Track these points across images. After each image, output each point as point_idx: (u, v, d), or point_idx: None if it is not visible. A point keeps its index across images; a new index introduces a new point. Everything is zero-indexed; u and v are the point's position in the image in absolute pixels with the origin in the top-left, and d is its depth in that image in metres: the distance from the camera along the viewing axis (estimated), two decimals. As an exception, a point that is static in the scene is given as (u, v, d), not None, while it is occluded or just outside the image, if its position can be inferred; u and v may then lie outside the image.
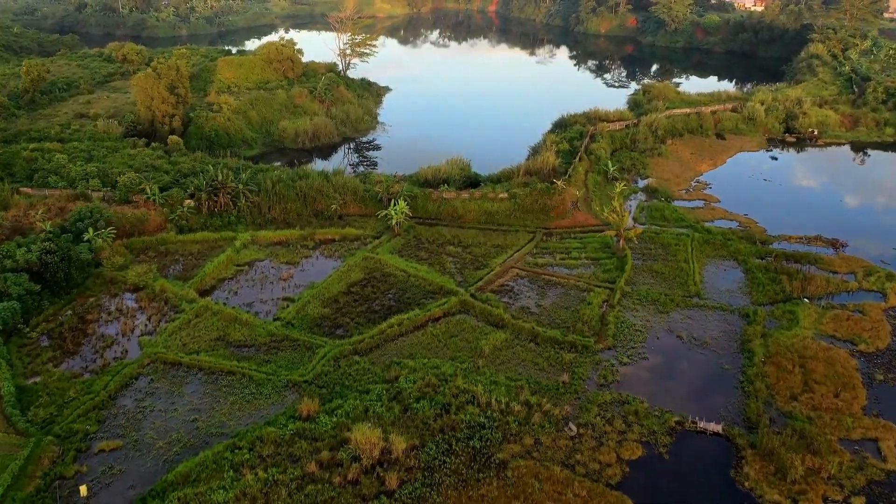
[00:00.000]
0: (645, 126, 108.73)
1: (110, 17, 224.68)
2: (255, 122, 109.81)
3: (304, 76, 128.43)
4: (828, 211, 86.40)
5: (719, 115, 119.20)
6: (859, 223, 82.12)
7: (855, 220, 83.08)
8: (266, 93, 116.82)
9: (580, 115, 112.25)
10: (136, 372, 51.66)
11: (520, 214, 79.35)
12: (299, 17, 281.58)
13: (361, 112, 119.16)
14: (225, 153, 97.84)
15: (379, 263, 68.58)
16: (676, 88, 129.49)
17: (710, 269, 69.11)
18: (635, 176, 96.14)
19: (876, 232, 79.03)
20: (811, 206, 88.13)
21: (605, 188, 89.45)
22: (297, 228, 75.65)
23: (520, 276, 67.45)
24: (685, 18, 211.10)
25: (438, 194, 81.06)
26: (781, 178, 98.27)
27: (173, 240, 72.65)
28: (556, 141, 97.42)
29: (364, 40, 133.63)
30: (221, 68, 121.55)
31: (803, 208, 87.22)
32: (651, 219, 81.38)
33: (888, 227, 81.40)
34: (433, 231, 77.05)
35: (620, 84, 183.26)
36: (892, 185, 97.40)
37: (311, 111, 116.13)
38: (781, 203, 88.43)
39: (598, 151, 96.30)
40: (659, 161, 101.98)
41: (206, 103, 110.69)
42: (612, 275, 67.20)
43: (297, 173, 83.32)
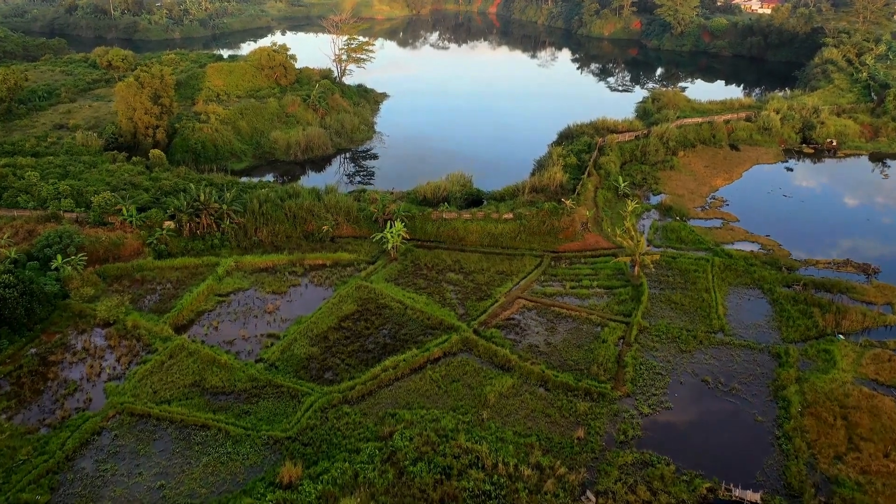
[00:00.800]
0: (656, 137, 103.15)
1: (101, 19, 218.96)
2: (245, 133, 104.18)
3: (298, 83, 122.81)
4: (854, 230, 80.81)
5: (733, 125, 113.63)
6: (890, 244, 76.61)
7: (885, 240, 77.58)
8: (257, 101, 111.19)
9: (587, 126, 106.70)
10: (98, 426, 46.01)
11: (526, 237, 73.74)
12: (295, 20, 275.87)
13: (357, 121, 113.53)
14: (211, 167, 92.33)
15: (373, 293, 62.96)
16: (686, 96, 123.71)
17: (733, 300, 63.51)
18: (647, 192, 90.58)
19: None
20: (836, 225, 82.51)
21: (615, 206, 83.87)
22: (286, 253, 70.04)
23: (527, 308, 61.82)
24: (691, 21, 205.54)
25: (438, 214, 75.46)
26: (802, 192, 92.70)
27: (150, 266, 66.98)
28: (563, 154, 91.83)
29: (361, 45, 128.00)
30: (210, 75, 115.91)
31: (828, 228, 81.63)
32: (666, 240, 75.79)
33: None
34: (432, 255, 71.42)
35: (624, 88, 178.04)
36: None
37: (304, 120, 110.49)
38: (804, 221, 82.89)
39: (607, 166, 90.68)
40: (671, 175, 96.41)
41: (193, 112, 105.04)
42: (627, 306, 61.61)
43: (287, 191, 77.74)
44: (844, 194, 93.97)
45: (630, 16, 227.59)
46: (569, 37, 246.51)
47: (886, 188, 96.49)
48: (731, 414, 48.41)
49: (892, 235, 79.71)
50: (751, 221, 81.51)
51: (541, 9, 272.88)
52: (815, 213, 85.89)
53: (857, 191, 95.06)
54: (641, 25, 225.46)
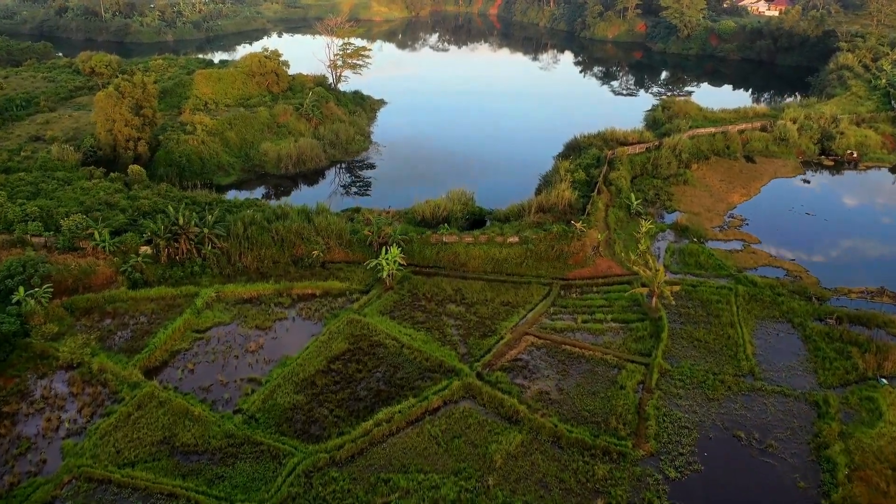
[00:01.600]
0: (667, 149, 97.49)
1: (92, 21, 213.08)
2: (234, 144, 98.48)
3: (291, 91, 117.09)
4: (886, 252, 75.21)
5: (747, 135, 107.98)
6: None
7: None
8: (246, 110, 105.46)
9: (595, 137, 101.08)
10: (50, 495, 40.37)
11: (533, 262, 68.07)
12: (292, 21, 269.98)
13: (353, 131, 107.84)
14: (195, 183, 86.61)
15: (367, 329, 57.31)
16: (698, 104, 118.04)
17: (761, 336, 57.88)
18: (660, 209, 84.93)
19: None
20: (866, 247, 76.86)
21: (628, 226, 78.23)
22: (272, 281, 64.34)
23: (535, 346, 56.17)
24: (698, 24, 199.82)
25: (438, 238, 69.81)
26: (824, 209, 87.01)
27: (123, 297, 61.28)
28: (571, 169, 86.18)
29: (357, 51, 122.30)
30: (198, 82, 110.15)
31: (857, 250, 76.01)
32: (684, 265, 70.16)
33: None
34: (432, 283, 65.74)
35: (629, 92, 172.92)
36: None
37: (296, 131, 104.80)
38: (831, 243, 77.31)
39: (618, 181, 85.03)
40: (685, 190, 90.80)
41: (178, 123, 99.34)
42: (645, 344, 56.00)
43: (275, 212, 72.08)
44: (871, 211, 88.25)
45: (634, 18, 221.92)
46: (571, 39, 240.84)
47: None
48: (770, 478, 42.78)
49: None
50: (773, 243, 75.94)
51: (542, 10, 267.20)
52: (841, 232, 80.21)
53: (884, 207, 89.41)
54: (646, 28, 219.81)
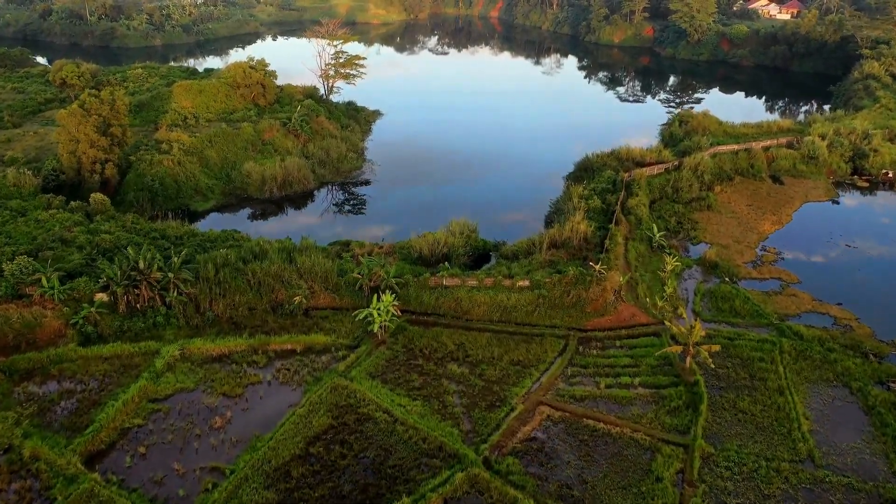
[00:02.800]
0: (688, 170, 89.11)
1: (77, 25, 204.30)
2: (214, 164, 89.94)
3: (278, 103, 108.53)
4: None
5: (773, 153, 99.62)
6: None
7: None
8: (229, 126, 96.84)
9: (608, 156, 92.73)
10: None
11: (546, 310, 59.53)
12: (287, 24, 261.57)
13: (344, 148, 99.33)
14: (167, 213, 78.16)
15: (354, 397, 48.82)
16: (717, 118, 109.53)
17: (816, 406, 49.43)
18: (684, 241, 76.51)
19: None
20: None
21: (650, 262, 69.79)
22: (246, 334, 55.81)
23: (552, 420, 47.69)
24: (709, 29, 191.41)
25: (437, 280, 61.28)
26: (866, 240, 78.53)
27: (72, 356, 52.77)
28: (585, 196, 77.71)
29: (350, 60, 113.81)
30: (177, 95, 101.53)
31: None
32: (717, 311, 61.73)
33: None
34: (430, 335, 57.18)
35: (635, 98, 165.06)
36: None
37: (282, 149, 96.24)
38: (879, 283, 68.75)
39: (637, 210, 76.55)
40: (710, 217, 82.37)
41: (154, 141, 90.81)
42: (682, 418, 47.52)
43: (252, 250, 63.50)
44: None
45: (642, 22, 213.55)
46: (576, 43, 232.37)
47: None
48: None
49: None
50: (814, 282, 67.51)
51: (545, 13, 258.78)
52: (890, 269, 71.72)
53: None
54: (654, 32, 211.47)
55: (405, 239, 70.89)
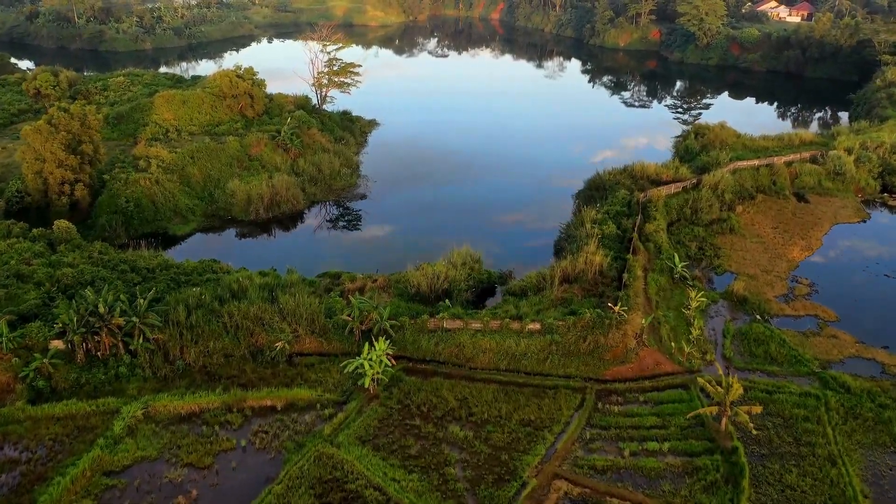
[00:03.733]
0: (708, 189, 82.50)
1: (64, 28, 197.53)
2: (196, 183, 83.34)
3: (268, 114, 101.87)
4: None
5: (796, 168, 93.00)
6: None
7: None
8: (213, 140, 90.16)
9: (621, 173, 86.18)
10: None
11: (559, 358, 52.88)
12: (282, 26, 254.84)
13: (338, 163, 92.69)
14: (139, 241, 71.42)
15: (341, 469, 42.21)
16: (735, 130, 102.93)
17: (874, 480, 42.81)
18: (707, 270, 69.90)
19: None
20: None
21: (672, 296, 63.18)
22: (220, 389, 49.19)
23: (571, 499, 41.08)
24: (719, 32, 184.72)
25: (437, 323, 54.64)
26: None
27: (20, 416, 46.22)
28: (598, 220, 71.08)
29: (344, 68, 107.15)
30: (159, 106, 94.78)
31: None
32: (750, 356, 55.18)
33: None
34: (429, 388, 50.54)
35: (641, 104, 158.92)
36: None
37: (271, 165, 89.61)
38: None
39: (656, 237, 69.90)
40: (733, 242, 75.78)
41: (131, 157, 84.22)
42: (721, 497, 40.92)
43: (229, 287, 56.83)
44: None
45: (648, 25, 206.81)
46: (579, 47, 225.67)
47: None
48: None
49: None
50: (854, 320, 60.91)
51: (548, 15, 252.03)
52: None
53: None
54: (661, 35, 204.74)
55: (401, 270, 64.20)
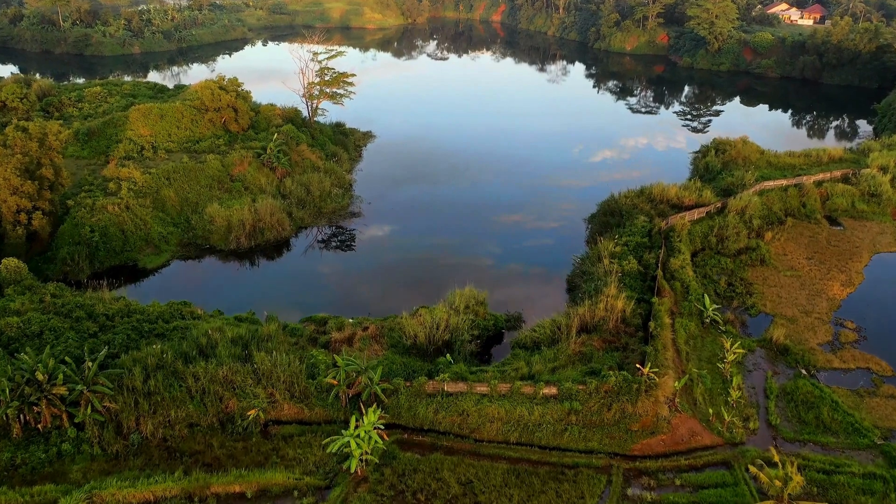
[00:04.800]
0: (734, 214, 75.06)
1: (49, 31, 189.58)
2: (172, 207, 75.82)
3: (253, 128, 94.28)
4: None
5: (827, 189, 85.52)
6: None
7: None
8: (192, 159, 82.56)
9: (637, 196, 78.79)
10: None
11: (580, 430, 45.32)
12: (277, 29, 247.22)
13: (329, 183, 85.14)
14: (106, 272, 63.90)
15: (319, 584, 34.70)
16: (758, 146, 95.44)
17: None
18: (740, 311, 62.34)
19: None
20: None
21: (703, 344, 55.68)
22: (180, 471, 41.54)
23: None
24: (730, 36, 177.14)
25: (436, 385, 47.08)
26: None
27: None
28: (617, 254, 63.56)
29: (337, 78, 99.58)
30: (134, 121, 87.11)
31: None
32: (800, 424, 47.69)
33: None
34: (427, 467, 42.94)
35: (648, 110, 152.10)
36: None
37: (255, 186, 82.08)
38: None
39: (682, 274, 62.34)
40: (766, 276, 68.26)
41: (101, 178, 76.70)
42: None
43: (196, 342, 49.27)
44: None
45: (656, 28, 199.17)
46: (584, 50, 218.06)
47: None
48: None
49: None
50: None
51: (551, 18, 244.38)
52: None
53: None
54: (669, 39, 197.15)
55: (396, 314, 56.69)
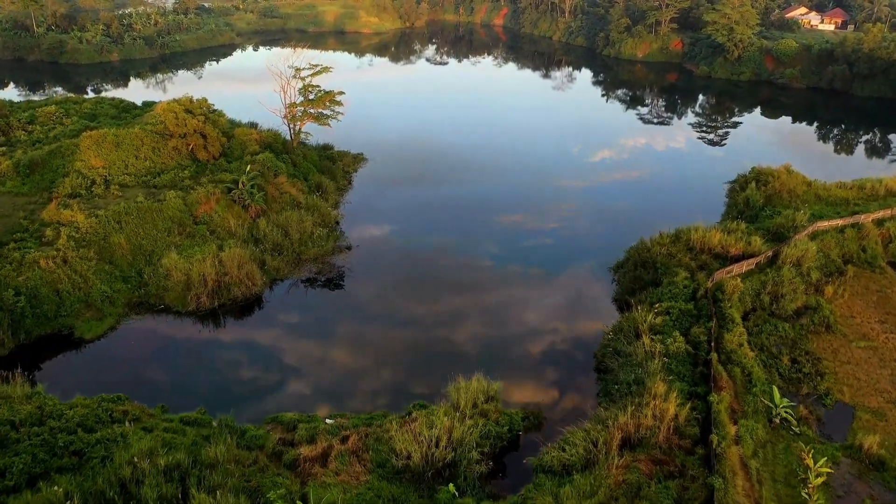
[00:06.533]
0: (789, 267, 63.12)
1: (22, 37, 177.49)
2: (122, 258, 63.84)
3: (226, 156, 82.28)
4: None
5: (889, 230, 73.61)
6: None
7: None
8: (149, 198, 70.44)
9: (672, 243, 67.07)
10: None
11: None
12: (269, 33, 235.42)
13: (311, 223, 73.14)
14: (29, 349, 51.90)
15: None
16: (804, 176, 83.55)
17: None
18: (813, 399, 50.36)
19: None
20: None
21: (774, 455, 43.69)
22: None
23: None
24: (751, 44, 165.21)
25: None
26: None
27: None
28: (658, 326, 51.60)
29: (322, 97, 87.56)
30: (85, 150, 74.96)
31: None
32: (919, 585, 35.72)
33: None
34: None
35: (660, 120, 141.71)
36: None
37: (223, 229, 70.07)
38: None
39: (740, 355, 50.27)
40: (834, 346, 56.32)
41: (38, 223, 64.76)
42: None
43: (119, 474, 37.19)
44: None
45: (669, 34, 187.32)
46: (591, 56, 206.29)
47: None
48: None
49: None
50: None
51: (556, 22, 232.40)
52: None
53: None
54: (683, 46, 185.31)
55: (385, 416, 44.73)
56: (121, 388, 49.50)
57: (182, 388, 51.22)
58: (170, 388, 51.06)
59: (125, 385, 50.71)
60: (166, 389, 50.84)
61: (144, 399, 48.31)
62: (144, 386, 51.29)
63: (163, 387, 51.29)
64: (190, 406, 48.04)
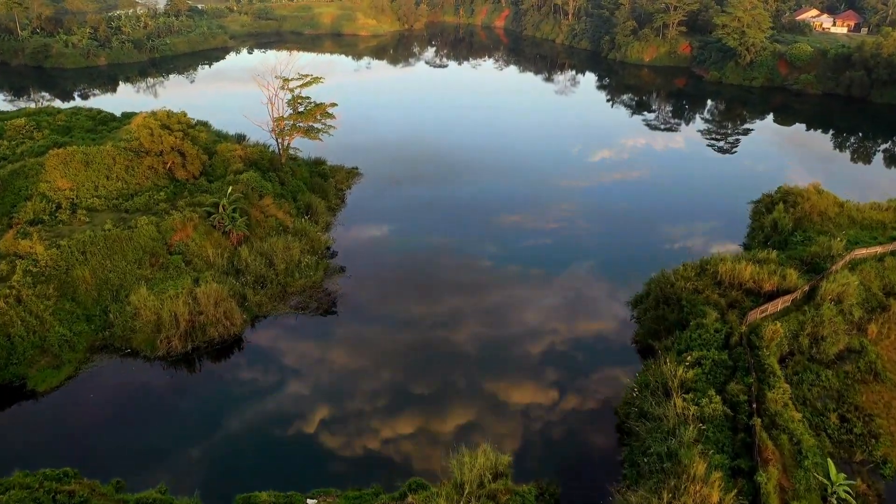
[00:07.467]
0: (829, 305, 56.56)
1: (5, 41, 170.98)
2: (86, 294, 57.29)
3: (207, 175, 75.72)
4: None
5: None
6: None
7: None
8: (119, 223, 63.87)
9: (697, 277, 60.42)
10: None
11: None
12: (263, 36, 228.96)
13: (298, 250, 66.60)
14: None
15: None
16: (834, 195, 77.13)
17: None
18: (868, 467, 43.89)
19: None
20: None
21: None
22: None
23: None
24: (763, 48, 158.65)
25: None
26: None
27: None
28: (691, 384, 45.08)
29: (313, 110, 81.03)
30: (51, 170, 68.43)
31: None
32: None
33: None
34: None
35: (667, 126, 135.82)
36: None
37: (200, 259, 63.51)
38: None
39: (785, 418, 43.64)
40: (887, 399, 49.92)
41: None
42: None
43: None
44: None
45: (677, 37, 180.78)
46: (596, 60, 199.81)
47: None
48: None
49: None
50: None
51: (559, 24, 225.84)
52: None
53: None
54: (692, 50, 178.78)
55: (376, 483, 38.18)
56: (73, 453, 43.26)
57: (144, 454, 44.70)
58: (131, 454, 44.54)
59: (79, 449, 44.46)
60: (126, 455, 44.32)
61: (99, 468, 41.89)
62: (101, 449, 44.90)
63: (122, 452, 44.76)
64: (151, 477, 41.61)
